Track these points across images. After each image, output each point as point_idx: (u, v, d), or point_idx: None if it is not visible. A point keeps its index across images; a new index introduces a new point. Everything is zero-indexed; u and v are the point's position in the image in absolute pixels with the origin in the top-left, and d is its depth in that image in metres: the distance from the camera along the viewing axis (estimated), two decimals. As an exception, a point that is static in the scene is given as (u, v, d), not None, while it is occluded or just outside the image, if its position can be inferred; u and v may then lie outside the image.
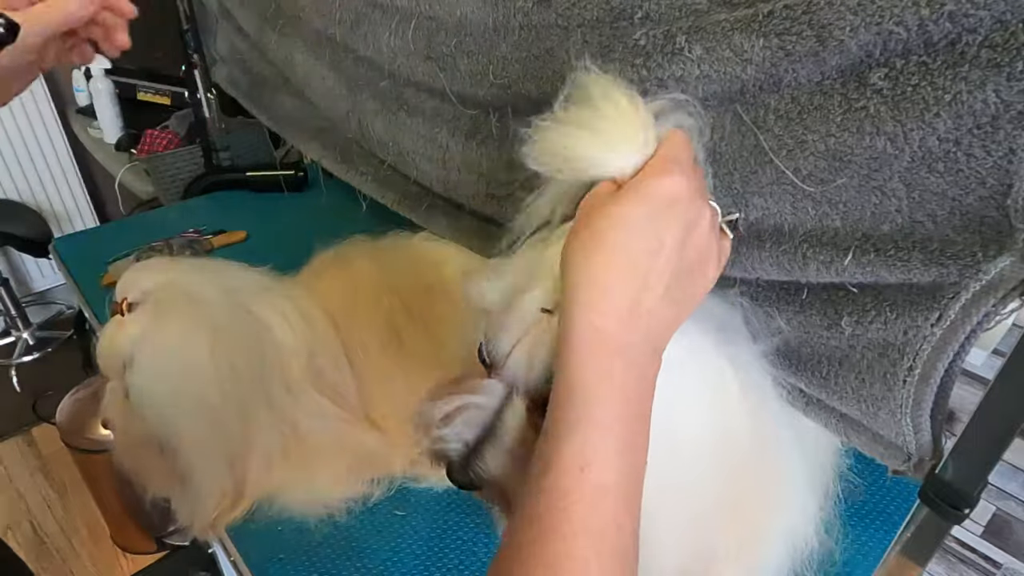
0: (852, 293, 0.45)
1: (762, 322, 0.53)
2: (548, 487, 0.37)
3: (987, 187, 0.36)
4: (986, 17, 0.32)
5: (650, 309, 0.39)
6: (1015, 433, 0.43)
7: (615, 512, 0.37)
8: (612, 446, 0.38)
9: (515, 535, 0.37)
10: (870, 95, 0.38)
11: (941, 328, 0.40)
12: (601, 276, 0.38)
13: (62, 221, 2.31)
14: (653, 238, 0.38)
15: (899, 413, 0.44)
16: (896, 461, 0.47)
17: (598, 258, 0.38)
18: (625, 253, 0.38)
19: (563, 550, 0.36)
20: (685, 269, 0.40)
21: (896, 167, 0.38)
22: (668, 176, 0.39)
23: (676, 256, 0.39)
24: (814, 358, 0.48)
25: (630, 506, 0.38)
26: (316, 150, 1.00)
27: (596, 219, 0.39)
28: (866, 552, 0.68)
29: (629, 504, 0.38)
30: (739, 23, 0.40)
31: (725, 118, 0.45)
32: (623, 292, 0.38)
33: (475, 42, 0.59)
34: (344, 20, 0.76)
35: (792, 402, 0.53)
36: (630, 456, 0.38)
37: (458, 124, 0.68)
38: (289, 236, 1.13)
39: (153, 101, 1.88)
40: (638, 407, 0.39)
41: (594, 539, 0.36)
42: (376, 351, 0.84)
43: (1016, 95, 0.33)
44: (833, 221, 0.43)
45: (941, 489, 0.46)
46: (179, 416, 0.68)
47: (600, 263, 0.38)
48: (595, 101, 0.41)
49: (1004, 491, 1.19)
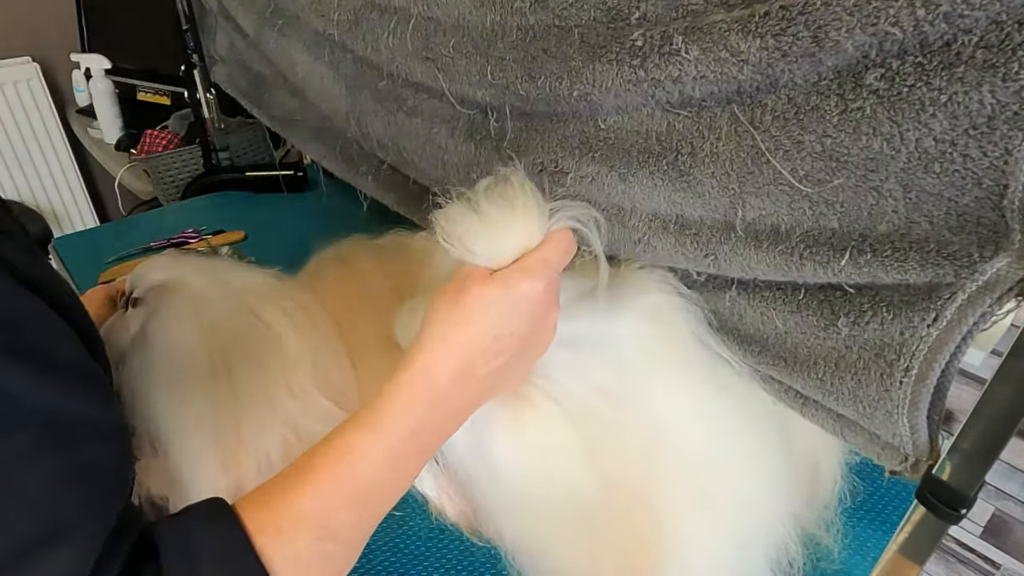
0: (849, 294, 0.45)
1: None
2: (313, 451, 0.43)
3: (983, 188, 0.36)
4: (981, 18, 0.32)
5: (479, 378, 0.46)
6: (1012, 433, 0.43)
7: (351, 499, 0.42)
8: (382, 452, 0.43)
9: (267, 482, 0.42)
10: (866, 96, 0.38)
11: (937, 329, 0.40)
12: (452, 338, 0.45)
13: (62, 221, 2.31)
14: (504, 325, 0.46)
15: (896, 414, 0.44)
16: (893, 461, 0.48)
17: (457, 328, 0.46)
18: (478, 328, 0.45)
19: (291, 497, 0.41)
20: (517, 357, 0.48)
21: (892, 168, 0.38)
22: (533, 279, 0.46)
23: (516, 344, 0.47)
24: (811, 358, 0.48)
25: (369, 506, 0.44)
26: (316, 150, 1.00)
27: (467, 296, 0.46)
28: (864, 552, 0.68)
29: (368, 503, 0.44)
30: (736, 24, 0.40)
31: (722, 119, 0.45)
32: (463, 357, 0.45)
33: (473, 43, 0.59)
34: (342, 20, 0.76)
35: (789, 402, 0.54)
36: (393, 472, 0.44)
37: (456, 124, 0.68)
38: (288, 236, 1.13)
39: (153, 101, 1.88)
40: (423, 444, 0.46)
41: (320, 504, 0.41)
42: (378, 353, 0.84)
43: (1011, 96, 0.33)
44: (830, 221, 0.43)
45: (938, 489, 0.46)
46: (171, 412, 0.67)
47: (456, 331, 0.46)
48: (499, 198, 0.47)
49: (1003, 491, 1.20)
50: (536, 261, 0.47)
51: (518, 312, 0.46)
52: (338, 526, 0.42)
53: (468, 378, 0.46)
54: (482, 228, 0.47)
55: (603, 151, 0.54)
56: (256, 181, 1.37)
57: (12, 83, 2.06)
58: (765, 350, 0.52)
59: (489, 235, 0.47)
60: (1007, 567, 1.25)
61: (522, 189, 0.47)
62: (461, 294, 0.46)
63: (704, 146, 0.47)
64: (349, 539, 0.43)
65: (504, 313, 0.46)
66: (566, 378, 0.55)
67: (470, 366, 0.45)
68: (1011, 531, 1.23)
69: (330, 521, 0.41)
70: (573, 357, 0.55)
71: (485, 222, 0.47)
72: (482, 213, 0.47)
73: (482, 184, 0.48)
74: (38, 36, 2.11)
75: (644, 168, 0.51)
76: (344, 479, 0.42)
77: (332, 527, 0.41)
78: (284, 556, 0.39)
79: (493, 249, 0.47)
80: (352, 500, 0.42)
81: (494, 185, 0.48)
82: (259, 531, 0.39)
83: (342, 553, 0.43)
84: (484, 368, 0.46)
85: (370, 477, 0.43)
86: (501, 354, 0.46)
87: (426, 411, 0.44)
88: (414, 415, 0.44)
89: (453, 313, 0.46)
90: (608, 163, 0.54)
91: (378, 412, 0.44)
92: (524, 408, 0.54)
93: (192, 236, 1.19)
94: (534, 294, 0.46)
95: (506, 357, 0.47)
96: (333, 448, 0.43)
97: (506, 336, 0.46)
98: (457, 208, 0.48)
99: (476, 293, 0.45)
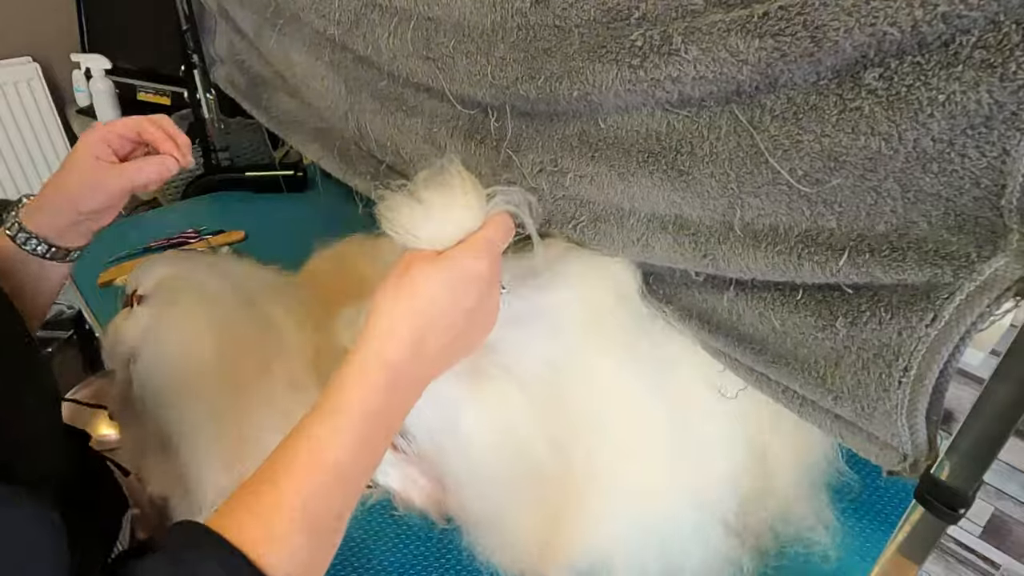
0: (847, 294, 0.45)
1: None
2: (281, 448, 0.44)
3: (981, 187, 0.36)
4: (979, 18, 0.32)
5: (430, 353, 0.47)
6: (1011, 433, 0.43)
7: (329, 488, 0.43)
8: (350, 435, 0.44)
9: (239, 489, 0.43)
10: (865, 95, 0.38)
11: (936, 329, 0.40)
12: (401, 316, 0.46)
13: (62, 221, 2.31)
14: (451, 300, 0.47)
15: (894, 414, 0.44)
16: (891, 462, 0.48)
17: (405, 305, 0.47)
18: (427, 303, 0.47)
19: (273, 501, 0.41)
20: (465, 331, 0.49)
21: (891, 167, 0.39)
22: (479, 257, 0.48)
23: (463, 318, 0.48)
24: (810, 359, 0.49)
25: (346, 491, 0.45)
26: (315, 151, 1.00)
27: (414, 272, 0.47)
28: (863, 552, 0.68)
29: (346, 488, 0.44)
30: (735, 24, 0.40)
31: (721, 119, 0.45)
32: (414, 332, 0.46)
33: (473, 43, 0.59)
34: (343, 20, 0.76)
35: (786, 403, 0.54)
36: (362, 454, 0.45)
37: (456, 124, 0.68)
38: (288, 236, 1.13)
39: (153, 101, 1.88)
40: (386, 422, 0.47)
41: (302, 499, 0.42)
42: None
43: (1009, 96, 0.33)
44: (828, 221, 0.43)
45: (936, 489, 0.46)
46: (181, 409, 0.68)
47: (404, 308, 0.47)
48: (439, 185, 0.49)
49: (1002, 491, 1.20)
50: (478, 240, 0.49)
51: (464, 287, 0.48)
52: (323, 516, 0.43)
53: (420, 354, 0.47)
54: (424, 214, 0.49)
55: (603, 151, 0.54)
56: (256, 181, 1.37)
57: (12, 83, 2.06)
58: (764, 350, 0.53)
59: (432, 220, 0.49)
60: (1006, 567, 1.25)
61: (460, 176, 0.49)
62: (406, 275, 0.47)
63: (703, 146, 0.47)
64: (335, 524, 0.44)
65: (450, 288, 0.47)
66: (517, 352, 0.57)
67: (421, 341, 0.46)
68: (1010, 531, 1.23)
69: (315, 514, 0.42)
70: (521, 332, 0.57)
71: (427, 208, 0.49)
72: (424, 200, 0.49)
73: (421, 175, 0.50)
74: (38, 36, 2.11)
75: (643, 168, 0.51)
76: (319, 471, 0.43)
77: (318, 519, 0.42)
78: (282, 559, 0.40)
79: (436, 232, 0.48)
80: (331, 489, 0.43)
81: (433, 175, 0.50)
82: (255, 545, 0.39)
83: (330, 537, 0.44)
84: (435, 343, 0.47)
85: (343, 463, 0.44)
86: (450, 328, 0.48)
87: (384, 391, 0.46)
88: (374, 397, 0.45)
89: (400, 292, 0.47)
90: (608, 162, 0.54)
91: (338, 401, 0.45)
92: (484, 383, 0.55)
93: (192, 236, 1.19)
94: (478, 270, 0.48)
95: (455, 332, 0.48)
96: (302, 444, 0.44)
97: (453, 310, 0.47)
98: (399, 198, 0.50)
99: (421, 270, 0.47)
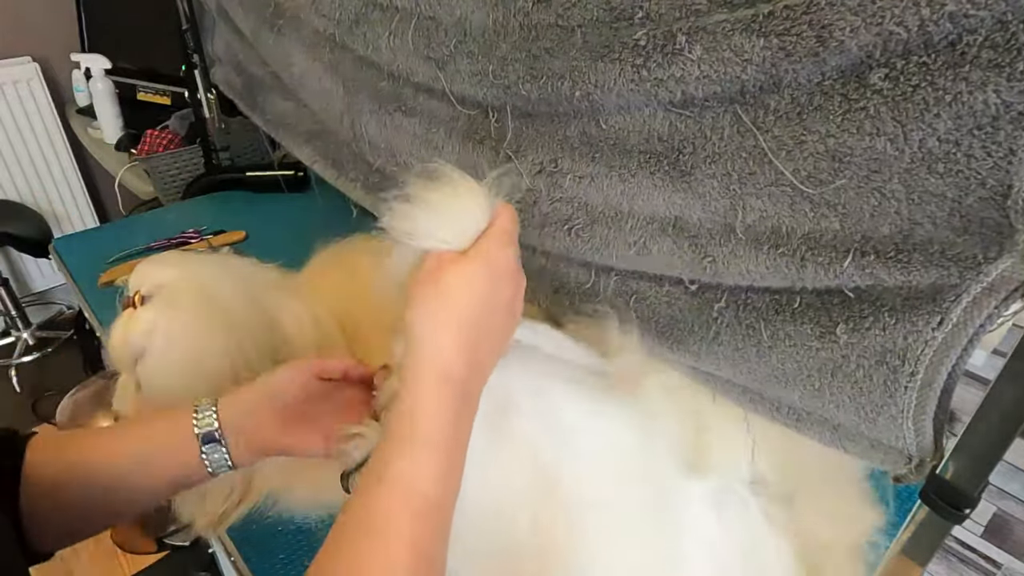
0: (848, 299, 0.45)
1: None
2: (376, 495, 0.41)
3: (987, 188, 0.36)
4: (987, 18, 0.32)
5: (483, 359, 0.45)
6: (1016, 433, 0.43)
7: (432, 527, 0.41)
8: (436, 465, 0.42)
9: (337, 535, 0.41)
10: (870, 95, 0.37)
11: (943, 332, 0.39)
12: (449, 328, 0.44)
13: (62, 221, 2.30)
14: (492, 298, 0.45)
15: (900, 418, 0.43)
16: (896, 465, 0.47)
17: (451, 313, 0.44)
18: (471, 308, 0.44)
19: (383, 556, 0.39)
20: (506, 324, 0.48)
21: (896, 168, 0.38)
22: (508, 247, 0.46)
23: (504, 314, 0.47)
24: (802, 372, 0.48)
25: (444, 520, 0.43)
26: (308, 154, 1.00)
27: (448, 278, 0.44)
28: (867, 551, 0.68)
29: (443, 517, 0.43)
30: (739, 23, 0.40)
31: (724, 119, 0.45)
32: (468, 342, 0.44)
33: (475, 42, 0.59)
34: (343, 20, 0.75)
35: (783, 420, 0.53)
36: (450, 477, 0.43)
37: (455, 125, 0.68)
38: (288, 236, 1.13)
39: (153, 101, 1.88)
40: (463, 437, 0.44)
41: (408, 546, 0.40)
42: (378, 350, 0.84)
43: (1016, 96, 0.33)
44: (832, 223, 0.43)
45: (941, 489, 0.46)
46: (192, 407, 0.68)
47: (451, 318, 0.44)
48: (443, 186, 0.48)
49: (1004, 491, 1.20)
50: (498, 231, 0.47)
51: (501, 281, 0.46)
52: (433, 553, 0.41)
53: (476, 362, 0.45)
54: (439, 215, 0.48)
55: (604, 151, 0.54)
56: (256, 181, 1.36)
57: (12, 83, 2.06)
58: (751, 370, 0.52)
59: (449, 219, 0.47)
60: (1008, 567, 1.25)
61: (455, 175, 0.49)
62: (441, 282, 0.45)
63: (706, 146, 0.46)
64: (441, 556, 0.43)
65: (489, 285, 0.45)
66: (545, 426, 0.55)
67: (475, 349, 0.44)
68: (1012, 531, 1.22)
69: (427, 553, 0.41)
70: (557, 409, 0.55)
71: (440, 209, 0.48)
72: (434, 202, 0.48)
73: (415, 181, 0.49)
74: (38, 36, 2.11)
75: (645, 168, 0.51)
76: (418, 510, 0.41)
77: (430, 556, 0.41)
78: None
79: (457, 231, 0.47)
80: (433, 524, 0.42)
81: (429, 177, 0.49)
82: None
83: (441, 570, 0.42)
84: (487, 346, 0.46)
85: (434, 495, 0.42)
86: (496, 327, 0.46)
87: (455, 411, 0.43)
88: (448, 420, 0.43)
89: (443, 303, 0.44)
90: (608, 163, 0.54)
91: (413, 432, 0.42)
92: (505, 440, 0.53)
93: (192, 236, 1.18)
94: (508, 260, 0.47)
95: (500, 329, 0.47)
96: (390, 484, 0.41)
97: (495, 308, 0.46)
98: (408, 207, 0.48)
99: (455, 274, 0.45)
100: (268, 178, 1.36)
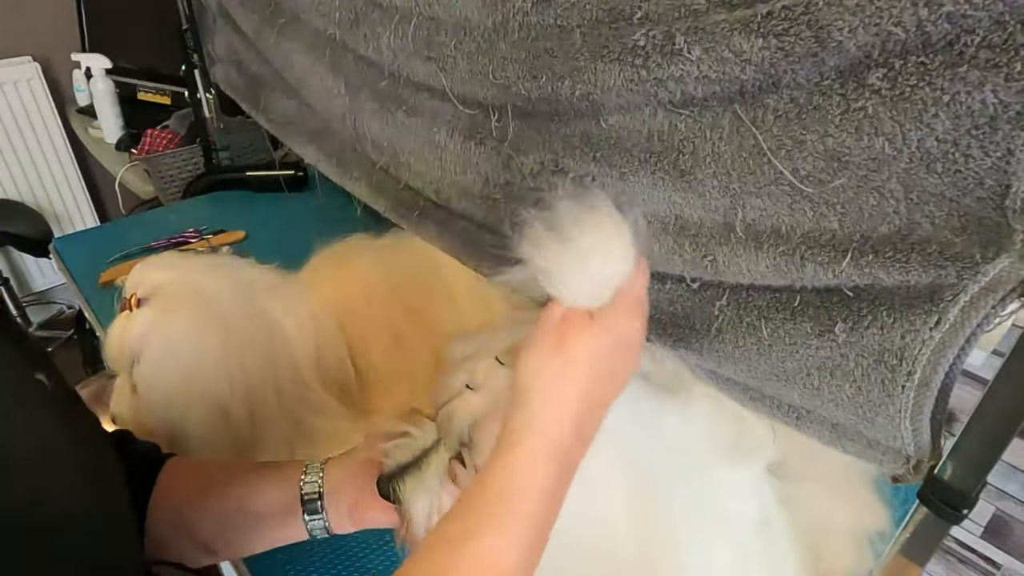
0: (847, 298, 0.45)
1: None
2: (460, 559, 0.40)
3: (985, 188, 0.36)
4: (984, 18, 0.32)
5: (589, 432, 0.45)
6: (1014, 433, 0.43)
7: None
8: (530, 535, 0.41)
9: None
10: (868, 95, 0.37)
11: (940, 331, 0.39)
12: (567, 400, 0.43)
13: (62, 221, 2.31)
14: (608, 370, 0.44)
15: (898, 418, 0.43)
16: (894, 465, 0.47)
17: (571, 387, 0.43)
18: (592, 383, 0.43)
19: None
20: (615, 396, 0.46)
21: (894, 168, 0.38)
22: (636, 319, 0.45)
23: (614, 390, 0.46)
24: (802, 371, 0.48)
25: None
26: (311, 153, 1.00)
27: (573, 343, 0.43)
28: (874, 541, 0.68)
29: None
30: (738, 23, 0.40)
31: (724, 119, 0.45)
32: (580, 416, 0.43)
33: (475, 42, 0.59)
34: (343, 20, 0.76)
35: (782, 418, 0.53)
36: (537, 546, 0.42)
37: (457, 124, 0.68)
38: (288, 236, 1.13)
39: (153, 101, 1.88)
40: (557, 507, 0.44)
41: None
42: (377, 350, 0.84)
43: (1014, 95, 0.33)
44: (831, 222, 0.43)
45: (940, 489, 0.46)
46: (188, 409, 0.68)
47: (571, 391, 0.43)
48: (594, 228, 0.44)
49: (1003, 491, 1.20)
50: (631, 299, 0.45)
51: (622, 356, 0.45)
52: None
53: (583, 435, 0.44)
54: (581, 264, 0.43)
55: (604, 150, 0.54)
56: (256, 181, 1.37)
57: (12, 83, 2.06)
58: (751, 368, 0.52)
59: (589, 273, 0.44)
60: (1007, 567, 1.25)
61: (614, 219, 0.44)
62: (565, 352, 0.43)
63: (705, 146, 0.47)
64: None
65: (610, 361, 0.44)
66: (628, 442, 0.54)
67: (584, 423, 0.44)
68: (1011, 531, 1.23)
69: None
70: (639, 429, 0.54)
71: (583, 256, 0.43)
72: (578, 245, 0.43)
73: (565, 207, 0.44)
74: (38, 36, 2.11)
75: (645, 168, 0.51)
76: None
77: None
78: None
79: (594, 290, 0.44)
80: None
81: (583, 212, 0.44)
82: None
83: None
84: (594, 420, 0.45)
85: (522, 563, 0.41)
86: (607, 399, 0.45)
87: (556, 483, 0.43)
88: (549, 492, 0.42)
89: (567, 371, 0.43)
90: (609, 162, 0.54)
91: (512, 501, 0.41)
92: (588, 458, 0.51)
93: (193, 236, 1.19)
94: (635, 335, 0.45)
95: (610, 398, 0.46)
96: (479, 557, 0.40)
97: (611, 384, 0.45)
98: (549, 239, 0.43)
99: (581, 343, 0.43)
100: (268, 177, 1.37)
